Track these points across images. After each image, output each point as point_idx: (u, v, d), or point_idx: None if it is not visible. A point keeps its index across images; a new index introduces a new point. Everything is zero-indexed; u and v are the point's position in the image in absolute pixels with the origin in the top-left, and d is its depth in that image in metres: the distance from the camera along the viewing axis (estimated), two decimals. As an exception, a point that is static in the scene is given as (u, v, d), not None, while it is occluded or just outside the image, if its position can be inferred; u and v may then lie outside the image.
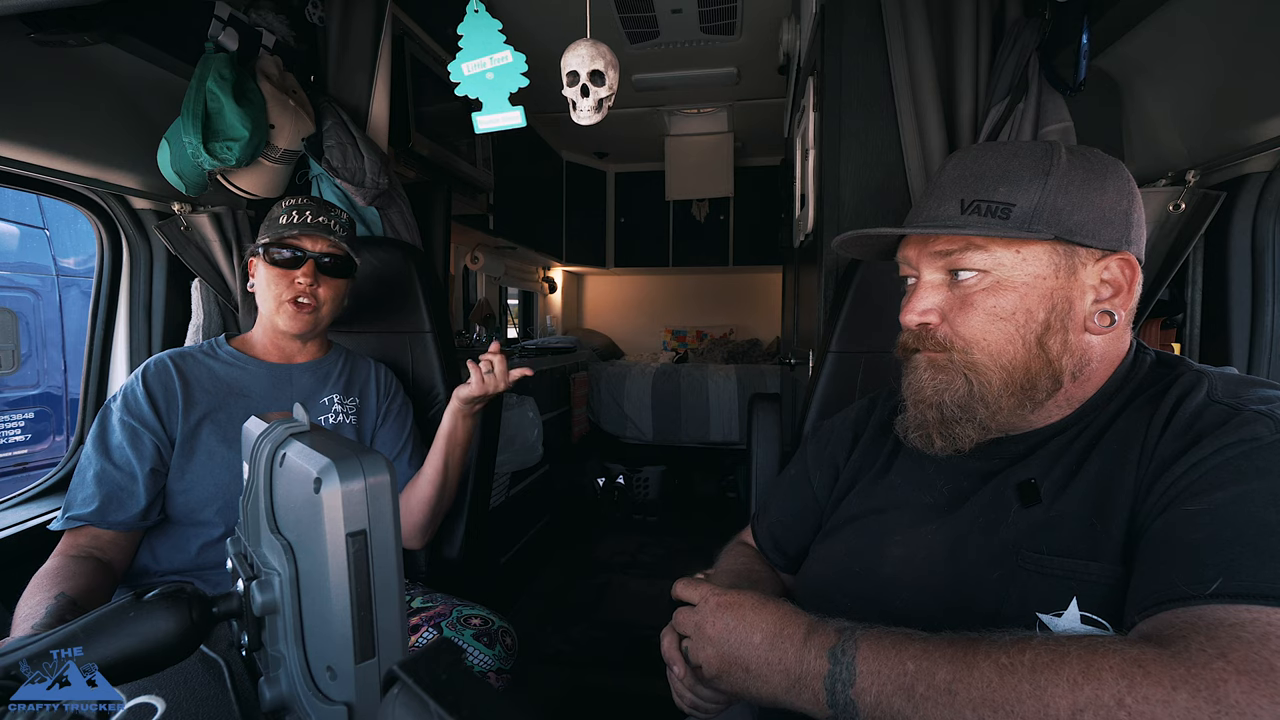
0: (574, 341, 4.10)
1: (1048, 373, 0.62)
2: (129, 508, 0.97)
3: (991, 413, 0.64)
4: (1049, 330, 0.62)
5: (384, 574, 0.42)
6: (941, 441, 0.66)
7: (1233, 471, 0.50)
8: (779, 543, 0.87)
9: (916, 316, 0.67)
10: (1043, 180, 0.61)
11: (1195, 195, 1.06)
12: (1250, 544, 0.47)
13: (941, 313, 0.66)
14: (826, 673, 0.53)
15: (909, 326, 0.68)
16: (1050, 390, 0.63)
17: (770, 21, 2.42)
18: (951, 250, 0.64)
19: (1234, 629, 0.44)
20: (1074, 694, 0.43)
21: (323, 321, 1.13)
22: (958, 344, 0.64)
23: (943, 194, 0.66)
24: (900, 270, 0.72)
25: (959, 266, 0.64)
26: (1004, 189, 0.62)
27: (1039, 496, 0.61)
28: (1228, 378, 0.59)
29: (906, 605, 0.65)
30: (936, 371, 0.66)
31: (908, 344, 0.69)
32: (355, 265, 1.15)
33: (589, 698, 1.90)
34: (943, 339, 0.65)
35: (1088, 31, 1.08)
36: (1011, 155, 0.64)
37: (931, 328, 0.66)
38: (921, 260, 0.67)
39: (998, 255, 0.62)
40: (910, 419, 0.69)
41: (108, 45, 1.11)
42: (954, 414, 0.65)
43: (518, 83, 1.19)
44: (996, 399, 0.63)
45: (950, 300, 0.65)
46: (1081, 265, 0.62)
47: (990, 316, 0.63)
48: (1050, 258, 0.62)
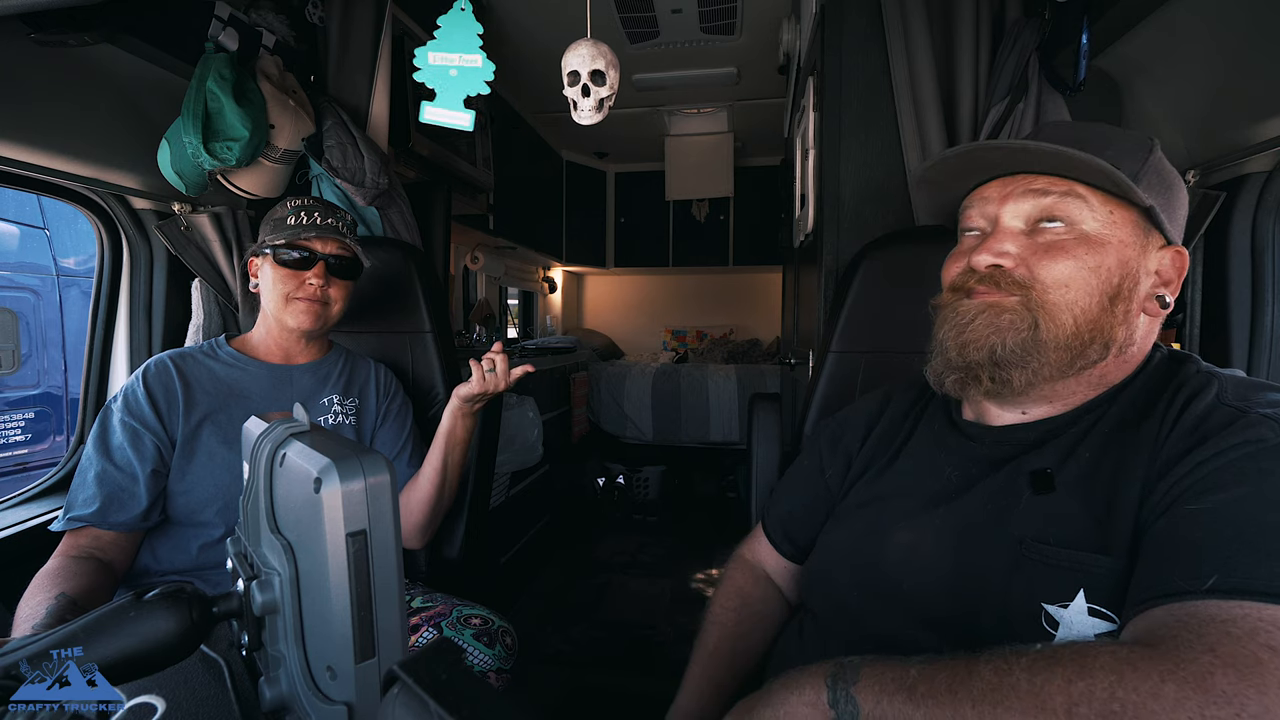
0: (574, 341, 4.10)
1: (1104, 337, 0.62)
2: (130, 509, 0.97)
3: (1044, 362, 0.62)
4: (1119, 295, 0.62)
5: (384, 574, 0.42)
6: (990, 383, 0.64)
7: (1236, 472, 0.50)
8: (789, 533, 0.87)
9: (991, 256, 0.64)
10: (1145, 156, 0.62)
11: (1195, 195, 1.07)
12: (1249, 543, 0.47)
13: (1019, 258, 0.63)
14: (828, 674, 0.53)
15: (978, 267, 0.65)
16: (1097, 358, 0.63)
17: (770, 21, 2.42)
18: (1052, 191, 0.62)
19: (1224, 625, 0.44)
20: (1068, 689, 0.44)
21: (331, 320, 1.14)
22: (1036, 285, 0.62)
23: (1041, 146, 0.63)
24: (967, 220, 0.70)
25: (1053, 213, 0.62)
26: (1110, 152, 0.61)
27: (1053, 485, 0.61)
28: (1238, 380, 0.59)
29: (912, 591, 0.65)
30: (999, 312, 0.63)
31: (966, 285, 0.66)
32: (363, 266, 1.15)
33: (589, 698, 1.90)
34: (1019, 278, 0.63)
35: (1088, 31, 1.08)
36: (1111, 130, 0.65)
37: (1007, 270, 0.64)
38: (1008, 201, 0.65)
39: (1096, 210, 0.61)
40: (951, 360, 0.66)
41: (108, 45, 1.11)
42: (1010, 356, 0.63)
43: (479, 89, 1.19)
44: (1057, 348, 0.62)
45: (1032, 247, 0.63)
46: (1151, 247, 0.63)
47: (1079, 265, 0.61)
48: (1134, 229, 0.62)
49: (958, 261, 0.69)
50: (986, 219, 0.67)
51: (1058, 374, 0.63)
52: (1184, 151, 1.10)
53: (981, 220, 0.68)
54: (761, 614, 0.85)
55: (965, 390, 0.67)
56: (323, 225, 1.08)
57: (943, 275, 0.72)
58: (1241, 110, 0.97)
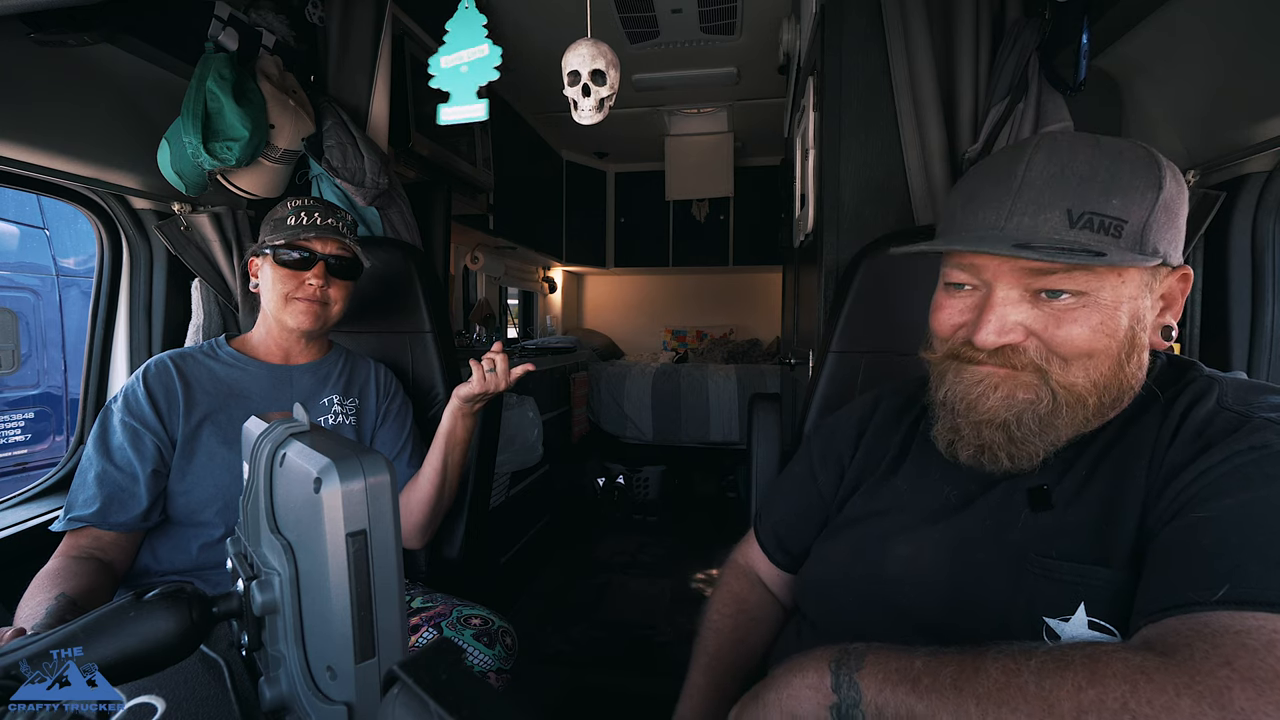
0: (574, 341, 4.10)
1: (1121, 390, 0.60)
2: (130, 509, 0.97)
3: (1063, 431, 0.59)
4: (1134, 347, 0.59)
5: (384, 574, 0.42)
6: (1010, 463, 0.61)
7: (1241, 479, 0.50)
8: (782, 541, 0.87)
9: (996, 337, 0.59)
10: (1155, 195, 0.56)
11: (1195, 195, 1.06)
12: (1257, 551, 0.46)
13: (1027, 330, 0.59)
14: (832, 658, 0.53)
15: (985, 346, 0.59)
16: (1113, 408, 0.61)
17: (770, 21, 2.42)
18: (1054, 270, 0.56)
19: (1239, 636, 0.43)
20: (1078, 696, 0.43)
21: (331, 321, 1.14)
22: (1056, 363, 0.58)
23: (1040, 198, 0.57)
24: (952, 276, 0.64)
25: (1057, 287, 0.57)
26: (1116, 201, 0.55)
27: (1050, 502, 0.60)
28: (1238, 384, 0.58)
29: (911, 605, 0.64)
30: (1015, 387, 0.60)
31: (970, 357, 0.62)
32: (363, 266, 1.15)
33: (589, 698, 1.90)
34: (1035, 356, 0.59)
35: (1088, 31, 1.08)
36: (1117, 158, 0.56)
37: (1018, 345, 0.59)
38: (1002, 278, 0.59)
39: (1103, 277, 0.56)
40: (966, 436, 0.63)
41: (108, 45, 1.11)
42: (1028, 432, 0.59)
43: (489, 76, 1.19)
44: (1076, 416, 0.59)
45: (1039, 319, 0.58)
46: (1158, 279, 0.60)
47: (1095, 332, 0.57)
48: (1142, 278, 0.58)
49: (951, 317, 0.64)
50: (978, 280, 0.62)
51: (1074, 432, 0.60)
52: (1184, 151, 1.10)
53: (973, 280, 0.62)
54: (758, 618, 0.85)
55: (991, 462, 0.62)
56: (322, 225, 1.08)
57: (932, 324, 0.67)
58: (1241, 110, 0.96)
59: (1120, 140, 0.58)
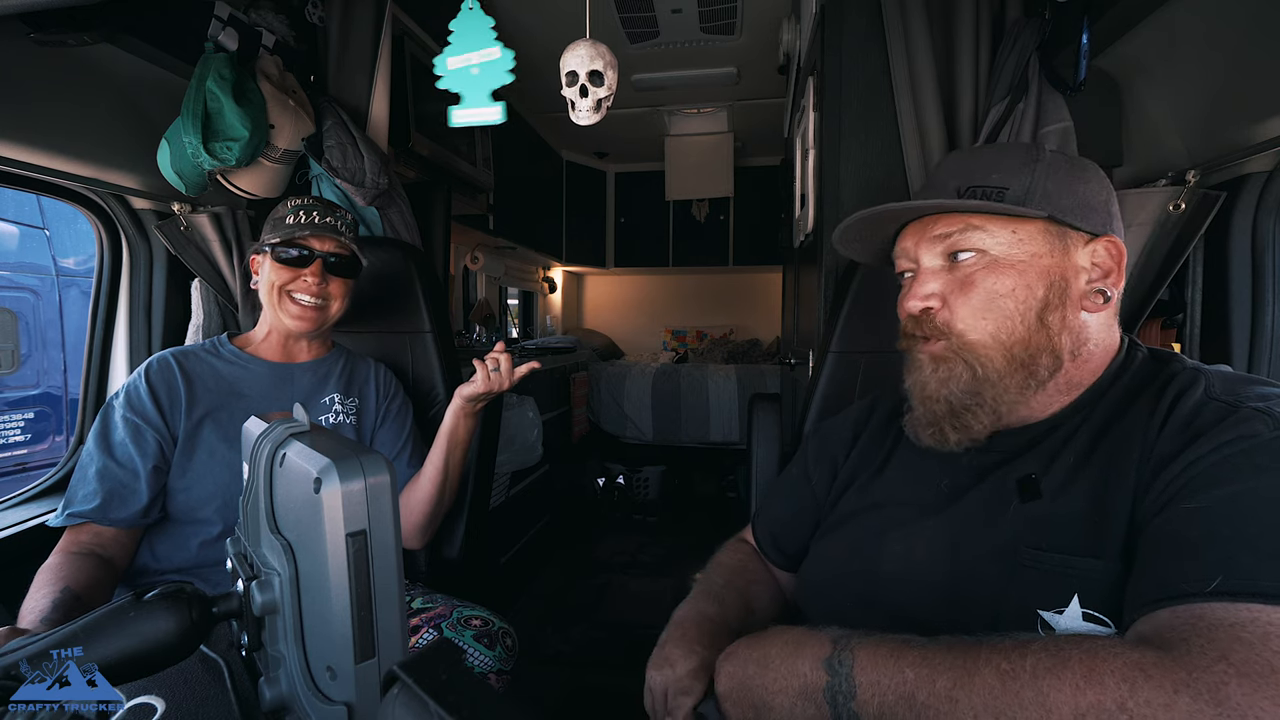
0: (574, 341, 4.10)
1: (1049, 349, 0.63)
2: (131, 505, 0.98)
3: (998, 394, 0.64)
4: (1048, 306, 0.63)
5: (384, 574, 0.42)
6: (956, 435, 0.66)
7: (1231, 469, 0.50)
8: (778, 541, 0.88)
9: (919, 301, 0.67)
10: (1031, 167, 0.64)
11: (1195, 195, 1.06)
12: (1248, 542, 0.47)
13: (942, 297, 0.66)
14: (826, 685, 0.53)
15: (911, 312, 0.68)
16: (1051, 369, 0.64)
17: (770, 21, 2.41)
18: (951, 232, 0.65)
19: (1234, 629, 0.44)
20: (1076, 699, 0.43)
21: (329, 320, 1.14)
22: (956, 327, 0.65)
23: (938, 186, 0.69)
24: (898, 266, 0.73)
25: (959, 248, 0.65)
26: (996, 175, 0.65)
27: (1039, 492, 0.61)
28: (1225, 375, 0.59)
29: (907, 602, 0.65)
30: (939, 363, 0.66)
31: (909, 331, 0.70)
32: (361, 265, 1.15)
33: (589, 698, 1.90)
34: (942, 324, 0.66)
35: (1088, 31, 1.08)
36: (1000, 151, 0.68)
37: (933, 313, 0.67)
38: (921, 246, 0.68)
39: (996, 235, 0.64)
40: (920, 416, 0.69)
41: (108, 45, 1.11)
42: (963, 402, 0.65)
43: (503, 80, 1.19)
44: (1001, 379, 0.64)
45: (950, 283, 0.66)
46: (1074, 246, 0.64)
47: (990, 295, 0.64)
48: (1045, 237, 0.64)
49: (903, 303, 0.71)
50: (911, 261, 0.71)
51: (1018, 396, 0.65)
52: (1184, 151, 1.10)
53: (909, 263, 0.71)
54: (764, 580, 0.87)
55: (942, 441, 0.68)
56: (320, 224, 1.08)
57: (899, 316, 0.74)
58: (1241, 110, 0.96)
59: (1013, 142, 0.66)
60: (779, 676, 0.56)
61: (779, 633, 0.60)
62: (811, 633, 0.58)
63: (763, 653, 0.59)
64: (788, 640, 0.58)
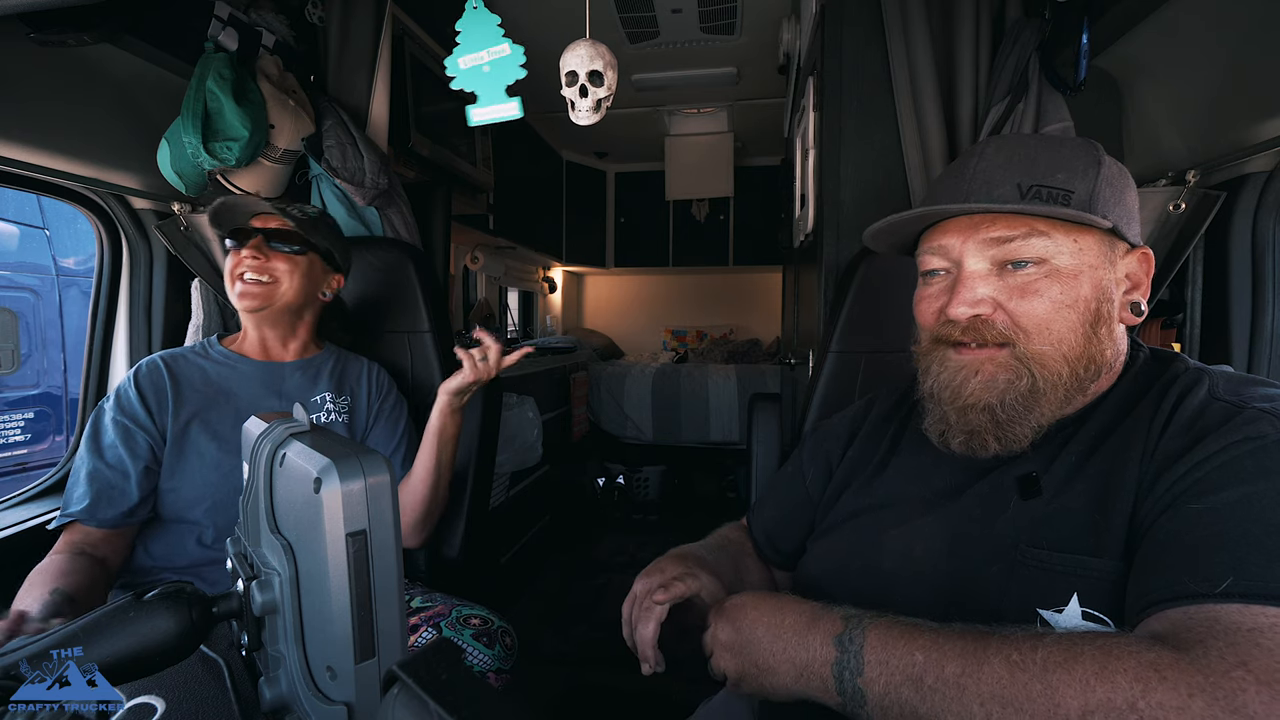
0: (574, 341, 4.10)
1: (1096, 362, 0.61)
2: (118, 505, 0.98)
3: (1045, 410, 0.61)
4: (1100, 319, 0.61)
5: (384, 574, 0.42)
6: (998, 445, 0.62)
7: (1236, 470, 0.50)
8: (773, 539, 0.88)
9: (968, 308, 0.61)
10: (1096, 170, 0.60)
11: (1195, 195, 1.06)
12: (1257, 543, 0.46)
13: (995, 302, 0.61)
14: (834, 660, 0.53)
15: (958, 319, 0.62)
16: (1090, 381, 0.63)
17: (770, 21, 2.41)
18: (1013, 236, 0.60)
19: (1252, 635, 0.43)
20: (1086, 695, 0.43)
21: (279, 299, 1.10)
22: (1020, 336, 0.60)
23: (992, 177, 0.62)
24: (926, 264, 0.67)
25: (1020, 256, 0.60)
26: (1061, 175, 0.60)
27: (1040, 490, 0.60)
28: (1228, 375, 0.59)
29: (906, 599, 0.65)
30: (995, 369, 0.61)
31: (949, 337, 0.64)
32: (310, 241, 1.12)
33: (589, 698, 1.90)
34: (1003, 329, 0.61)
35: (1088, 31, 1.08)
36: (1059, 145, 0.63)
37: (987, 319, 0.61)
38: (968, 247, 0.62)
39: (1060, 243, 0.60)
40: (954, 424, 0.64)
41: (108, 45, 1.11)
42: (1013, 413, 0.61)
43: (516, 74, 1.19)
44: (1056, 390, 0.60)
45: (1004, 289, 0.61)
46: (1119, 258, 0.63)
47: (1056, 304, 0.59)
48: (1100, 247, 0.61)
49: (931, 304, 0.67)
50: (949, 261, 0.65)
51: (1058, 411, 0.62)
52: (1184, 151, 1.10)
53: (944, 262, 0.66)
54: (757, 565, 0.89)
55: (979, 449, 0.64)
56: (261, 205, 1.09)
57: (916, 316, 0.70)
58: (1241, 110, 0.96)
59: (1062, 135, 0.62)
60: (788, 646, 0.56)
61: (795, 603, 0.60)
62: (827, 609, 0.58)
63: (777, 619, 0.58)
64: (803, 613, 0.58)
